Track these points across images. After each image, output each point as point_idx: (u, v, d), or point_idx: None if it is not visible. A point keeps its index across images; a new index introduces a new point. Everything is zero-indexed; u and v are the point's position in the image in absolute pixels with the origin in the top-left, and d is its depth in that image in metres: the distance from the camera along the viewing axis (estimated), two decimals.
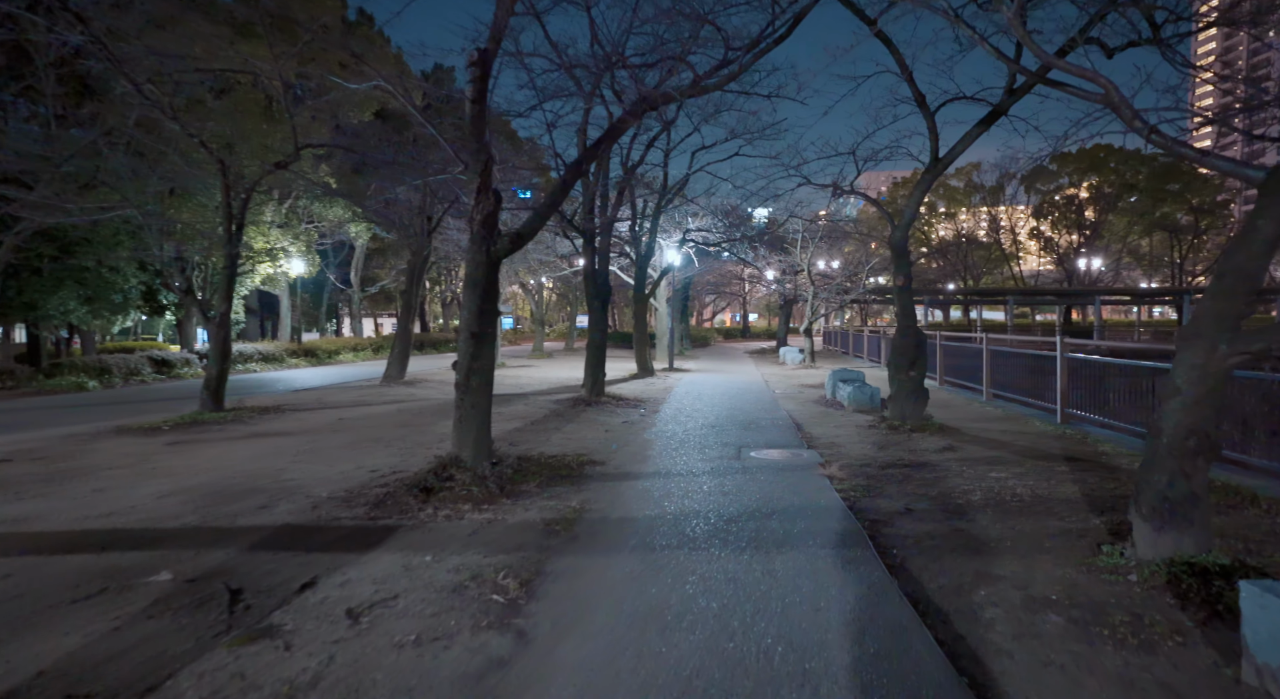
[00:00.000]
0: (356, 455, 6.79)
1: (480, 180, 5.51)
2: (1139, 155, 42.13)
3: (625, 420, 9.37)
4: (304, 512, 4.75)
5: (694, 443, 7.61)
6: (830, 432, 8.41)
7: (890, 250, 8.29)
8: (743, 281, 43.80)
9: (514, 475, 5.65)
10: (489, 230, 5.57)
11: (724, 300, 55.45)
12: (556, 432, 8.39)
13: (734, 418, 9.58)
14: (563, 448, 7.27)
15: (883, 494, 5.31)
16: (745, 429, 8.58)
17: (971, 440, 7.64)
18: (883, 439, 7.79)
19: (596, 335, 11.38)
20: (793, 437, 8.05)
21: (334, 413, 10.10)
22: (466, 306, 5.63)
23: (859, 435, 8.08)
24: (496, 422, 9.05)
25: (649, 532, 4.33)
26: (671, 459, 6.71)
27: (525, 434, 8.16)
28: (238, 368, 19.26)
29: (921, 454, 6.87)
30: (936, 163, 7.33)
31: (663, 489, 5.48)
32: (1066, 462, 6.37)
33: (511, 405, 10.93)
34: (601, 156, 5.20)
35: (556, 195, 5.58)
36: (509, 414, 9.88)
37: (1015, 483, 5.54)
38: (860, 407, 10.27)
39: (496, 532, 4.34)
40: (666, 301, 21.74)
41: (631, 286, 18.16)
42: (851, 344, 24.71)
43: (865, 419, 9.33)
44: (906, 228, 7.87)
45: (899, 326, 8.65)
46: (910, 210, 7.73)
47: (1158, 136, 3.41)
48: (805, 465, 6.40)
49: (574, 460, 6.50)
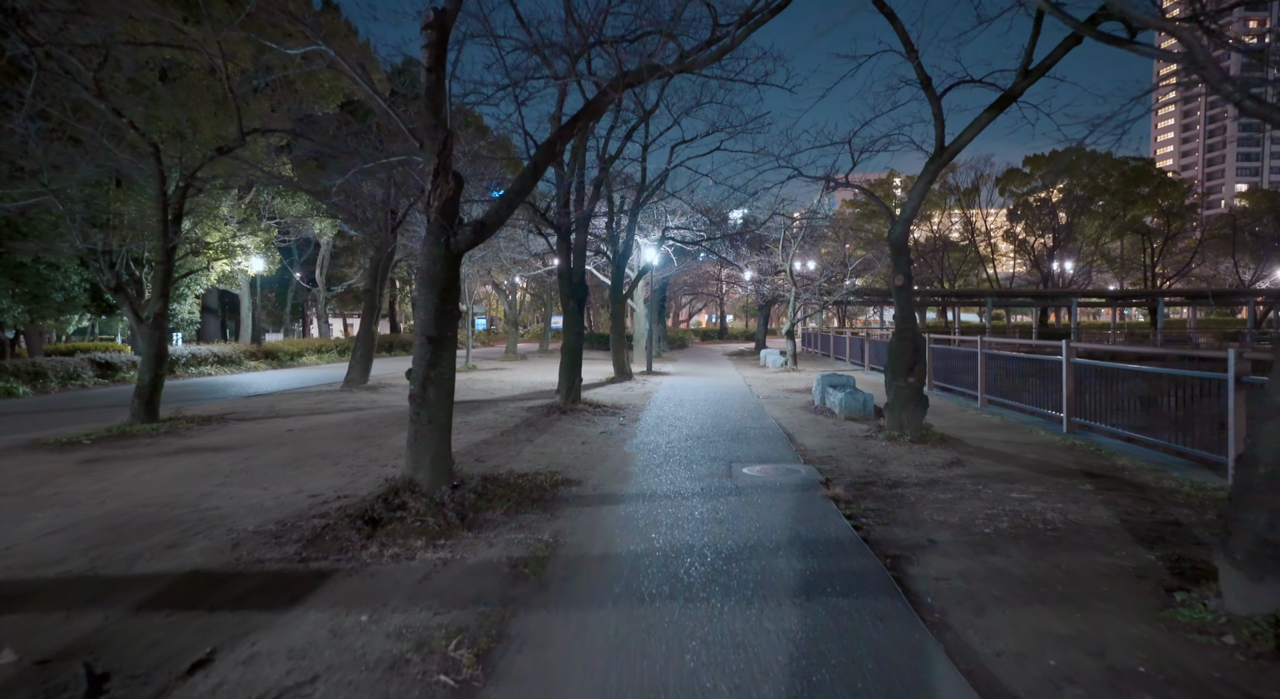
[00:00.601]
0: (299, 475, 5.98)
1: (438, 161, 4.77)
2: (1109, 158, 42.68)
3: (603, 430, 8.67)
4: (221, 552, 3.96)
5: (679, 457, 6.94)
6: (824, 443, 7.81)
7: (890, 247, 7.72)
8: (720, 282, 43.36)
9: (477, 501, 4.92)
10: (448, 219, 4.83)
11: (700, 301, 55.06)
12: (528, 444, 7.66)
13: (720, 427, 8.94)
14: (534, 464, 6.54)
15: (896, 520, 4.69)
16: (733, 440, 7.94)
17: (977, 453, 7.09)
18: (882, 451, 7.21)
19: (572, 338, 10.66)
20: (785, 449, 7.43)
21: (284, 423, 9.22)
22: (422, 307, 4.89)
23: (856, 447, 7.49)
24: (461, 432, 8.30)
25: (634, 575, 3.64)
26: (656, 477, 6.03)
27: (493, 448, 7.41)
28: (190, 371, 18.11)
29: (928, 470, 6.29)
30: (942, 151, 6.78)
31: (648, 516, 4.79)
32: (1087, 479, 5.83)
33: (480, 413, 10.15)
34: (579, 133, 4.57)
35: (526, 180, 4.87)
36: (476, 423, 9.11)
37: (1041, 506, 4.97)
38: (852, 414, 9.70)
39: (452, 576, 3.62)
40: (644, 302, 21.08)
41: (608, 287, 17.47)
42: (833, 346, 24.29)
43: (859, 428, 8.75)
44: (907, 223, 7.30)
45: (897, 329, 8.09)
46: (912, 203, 7.17)
47: (1252, 102, 2.85)
48: (804, 484, 5.77)
49: (547, 479, 5.78)
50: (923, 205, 49.77)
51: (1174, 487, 5.50)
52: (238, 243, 19.20)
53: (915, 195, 7.14)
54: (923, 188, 7.05)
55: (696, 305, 58.62)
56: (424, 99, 4.77)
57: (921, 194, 7.13)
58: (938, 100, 6.76)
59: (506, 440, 7.87)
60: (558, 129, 5.00)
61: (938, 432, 7.99)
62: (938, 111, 6.77)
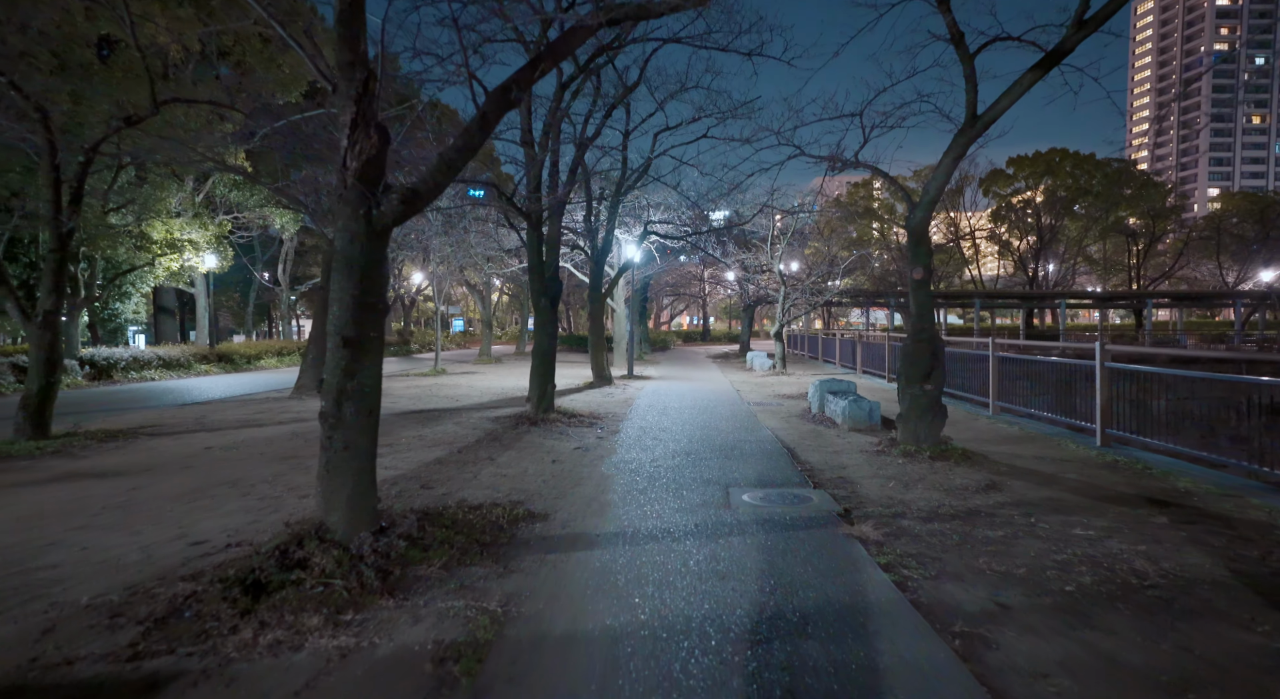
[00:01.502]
0: (191, 512, 4.80)
1: (355, 108, 3.66)
2: (1093, 159, 42.57)
3: (578, 445, 7.58)
4: (19, 644, 2.80)
5: (666, 480, 5.87)
6: (831, 460, 6.80)
7: (907, 235, 6.74)
8: (703, 283, 42.45)
9: (408, 550, 3.80)
10: (370, 185, 3.72)
11: (682, 302, 54.17)
12: (489, 463, 6.53)
13: (711, 440, 7.89)
14: (493, 490, 5.43)
15: (947, 571, 3.67)
16: (727, 457, 6.89)
17: (1009, 472, 6.12)
18: (901, 471, 6.21)
19: (544, 340, 9.54)
20: (788, 468, 6.40)
21: (207, 438, 7.98)
22: (336, 299, 3.77)
23: (869, 466, 6.48)
24: (412, 450, 7.15)
25: (611, 674, 2.57)
26: (639, 508, 4.95)
27: (446, 469, 6.28)
28: (130, 376, 16.66)
29: (961, 495, 5.30)
30: (974, 121, 5.81)
31: (630, 567, 3.71)
32: (1155, 508, 4.87)
33: (439, 425, 8.99)
34: (543, 75, 3.57)
35: (473, 135, 3.76)
36: (432, 438, 7.95)
37: (1119, 548, 3.98)
38: (857, 425, 8.71)
39: (348, 682, 2.51)
40: (625, 302, 19.99)
41: (587, 285, 16.37)
42: (821, 349, 23.39)
43: (867, 441, 7.76)
44: (930, 207, 6.33)
45: (913, 329, 7.11)
46: (937, 183, 6.19)
47: None
48: (819, 517, 4.73)
49: (505, 513, 4.68)
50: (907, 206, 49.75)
51: (1266, 520, 4.56)
52: (186, 237, 17.73)
53: (941, 173, 6.16)
54: (950, 164, 6.08)
55: (678, 306, 57.74)
56: (336, 28, 3.65)
57: (949, 172, 6.15)
58: (970, 60, 5.79)
59: (464, 459, 6.73)
60: (516, 73, 3.91)
61: (958, 446, 7.02)
62: (970, 73, 5.80)
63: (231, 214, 22.98)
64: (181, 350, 19.01)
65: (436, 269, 18.87)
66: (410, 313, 38.04)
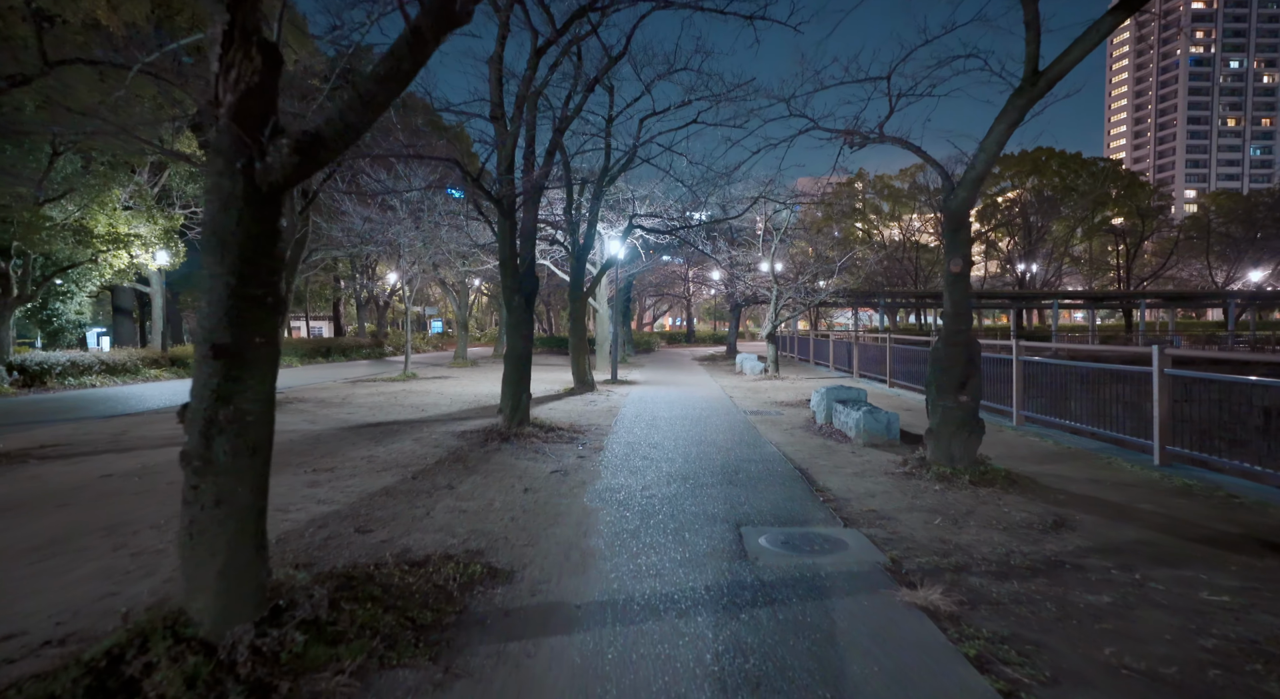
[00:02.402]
0: (30, 577, 3.62)
1: (230, 16, 2.54)
2: (1079, 158, 42.32)
3: (556, 467, 6.47)
4: None
5: (663, 516, 4.79)
6: (854, 485, 5.77)
7: (945, 221, 5.73)
8: (687, 283, 41.45)
9: (308, 647, 2.68)
10: (251, 128, 2.60)
11: (666, 303, 53.19)
12: (447, 493, 5.41)
13: (710, 460, 6.82)
14: (447, 534, 4.32)
15: (1066, 671, 2.64)
16: (732, 483, 5.84)
17: (1070, 502, 5.14)
18: (942, 501, 5.19)
19: (518, 343, 8.41)
20: (807, 497, 5.35)
21: (114, 461, 6.75)
22: (207, 291, 2.64)
23: (901, 493, 5.47)
24: (357, 476, 5.95)
25: None
26: (631, 562, 3.87)
27: (394, 503, 5.14)
28: (67, 382, 15.21)
29: (1028, 536, 4.29)
30: (1035, 78, 4.82)
31: (624, 672, 2.63)
32: None
33: (397, 442, 7.83)
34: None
35: (401, 59, 2.66)
36: (385, 459, 6.80)
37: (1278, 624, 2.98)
38: (874, 439, 7.71)
39: None
40: (608, 302, 18.89)
41: (568, 284, 15.24)
42: (812, 351, 22.43)
43: (889, 461, 6.75)
44: (975, 185, 5.33)
45: (947, 330, 6.11)
46: (986, 156, 5.18)
47: None
48: (865, 574, 3.69)
49: (456, 571, 3.58)
50: (895, 206, 48.78)
51: None
52: (132, 232, 16.28)
53: (992, 143, 5.14)
54: (1003, 132, 5.08)
55: (661, 307, 56.72)
56: None
57: (1001, 141, 5.15)
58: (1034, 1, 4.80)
59: (418, 488, 5.60)
60: None
61: (998, 467, 6.03)
62: (1032, 17, 4.81)
63: (189, 208, 21.52)
64: (129, 354, 17.53)
65: (407, 266, 17.62)
66: (385, 314, 36.59)
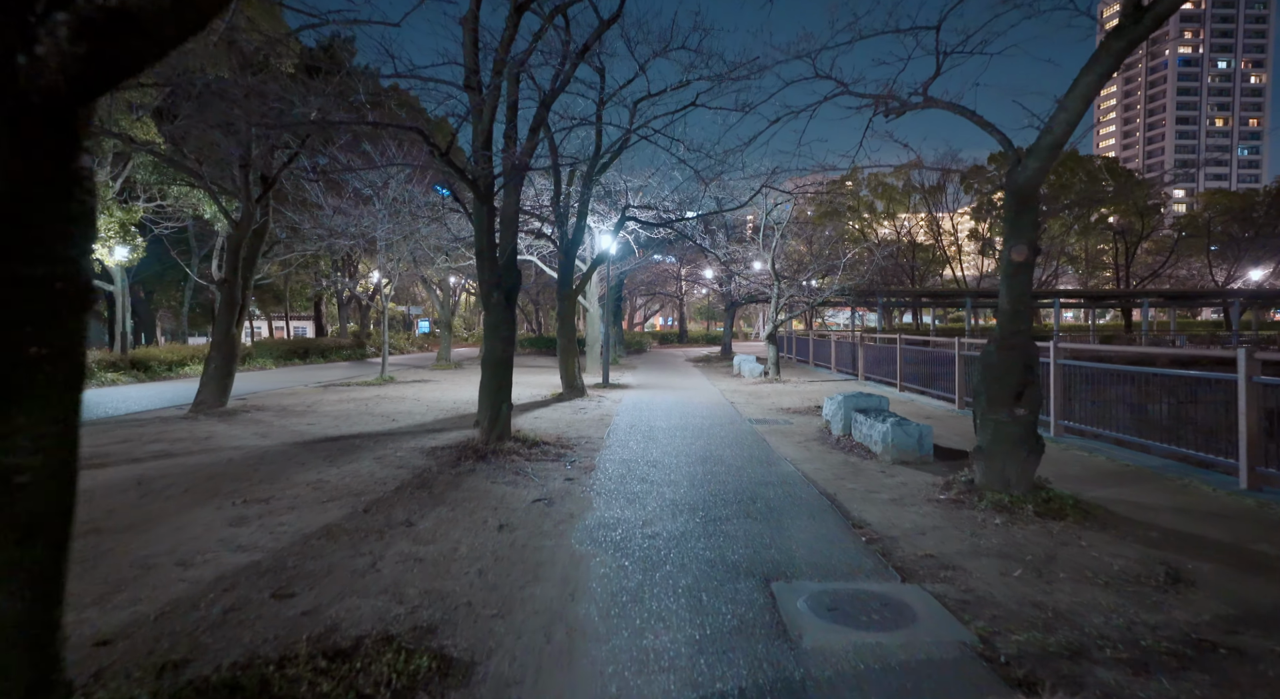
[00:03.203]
0: None
1: None
2: (1075, 155, 41.76)
3: (539, 495, 5.45)
4: None
5: (672, 567, 3.79)
6: (898, 518, 4.80)
7: (1008, 198, 4.78)
8: (680, 282, 40.48)
9: None
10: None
11: (657, 302, 52.22)
12: (401, 536, 4.38)
13: (719, 483, 5.83)
14: (392, 599, 3.30)
15: None
16: (749, 515, 4.85)
17: (1167, 542, 4.19)
18: (1010, 542, 4.23)
19: (498, 346, 7.37)
20: (844, 536, 4.37)
21: None
22: None
23: (957, 529, 4.50)
24: (301, 508, 4.63)
25: None
26: (632, 647, 2.87)
27: (333, 550, 4.10)
28: None
29: (1145, 600, 3.33)
30: (1140, 14, 3.87)
31: None
32: None
33: (354, 461, 6.78)
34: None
35: None
36: (335, 485, 5.75)
37: None
38: (904, 456, 6.74)
39: None
40: (599, 301, 17.86)
41: (556, 282, 14.21)
42: (812, 352, 21.48)
43: (927, 483, 5.80)
44: (1051, 154, 4.36)
45: (1002, 331, 5.16)
46: (1065, 119, 4.22)
47: None
48: (950, 667, 2.71)
49: (391, 672, 2.56)
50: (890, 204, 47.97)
51: None
52: None
53: (1077, 99, 4.17)
54: (1091, 84, 4.12)
55: (652, 307, 55.73)
56: None
57: (1088, 97, 4.18)
58: None
59: (367, 527, 4.56)
60: None
61: (1064, 493, 5.08)
62: None
63: (154, 202, 20.31)
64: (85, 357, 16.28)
65: (384, 262, 16.52)
66: (368, 313, 35.31)
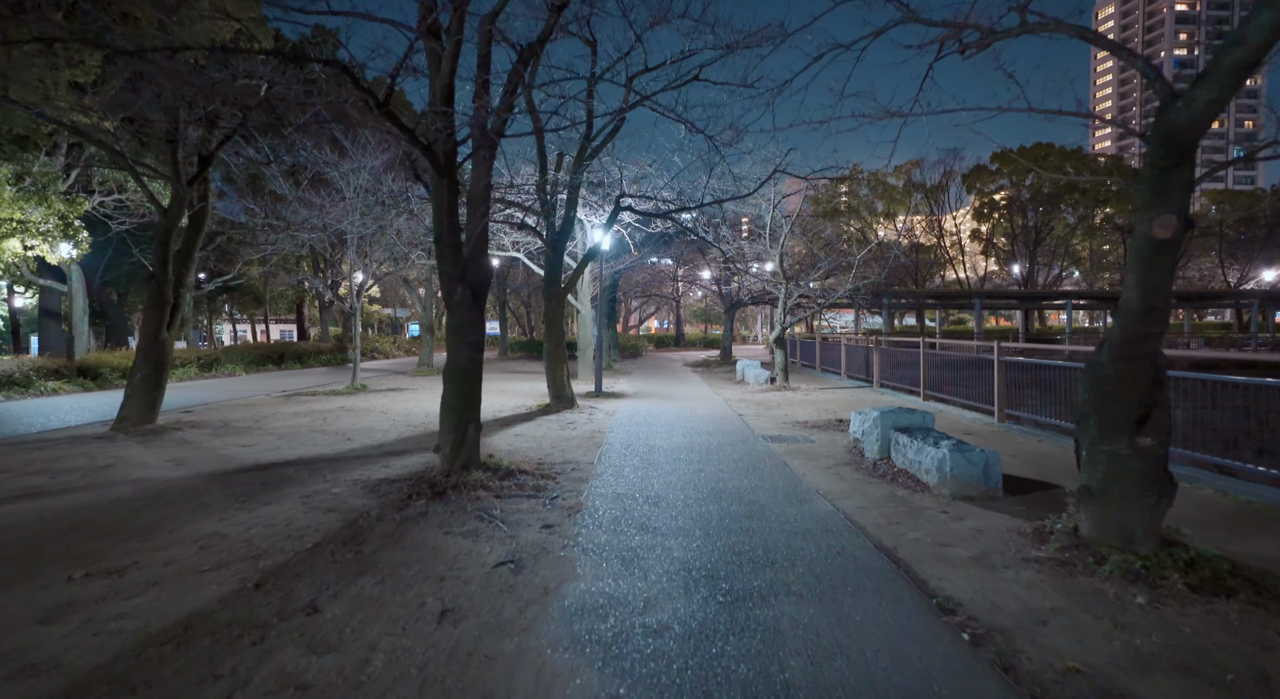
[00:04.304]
0: None
1: None
2: (1080, 154, 40.77)
3: (506, 557, 4.08)
4: None
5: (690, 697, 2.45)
6: (992, 592, 3.47)
7: (1153, 150, 3.49)
8: (677, 282, 39.16)
9: None
10: None
11: (653, 304, 50.85)
12: (291, 636, 3.01)
13: (741, 531, 4.49)
14: None
15: None
16: (790, 592, 3.51)
17: None
18: (1175, 637, 2.92)
19: (463, 353, 6.01)
20: (932, 630, 3.04)
21: None
22: None
23: (1088, 614, 3.18)
24: (165, 583, 2.90)
25: None
26: None
27: (170, 673, 2.73)
28: None
29: None
30: None
31: None
32: None
33: (273, 503, 5.38)
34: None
35: None
36: (233, 542, 4.36)
37: None
38: (966, 489, 5.41)
39: None
40: (592, 301, 16.50)
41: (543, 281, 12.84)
42: (818, 356, 20.14)
43: (1008, 530, 4.48)
44: (1234, 80, 3.05)
45: (1124, 334, 3.86)
46: (1264, 27, 2.92)
47: None
48: None
49: None
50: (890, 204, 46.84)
51: None
52: (14, 218, 13.58)
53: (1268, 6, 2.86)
54: None
55: (648, 309, 54.34)
56: None
57: None
58: None
59: (247, 618, 3.19)
60: None
61: (1209, 552, 3.77)
62: None
63: (112, 194, 18.90)
64: (20, 363, 14.81)
65: (356, 259, 15.12)
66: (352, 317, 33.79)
